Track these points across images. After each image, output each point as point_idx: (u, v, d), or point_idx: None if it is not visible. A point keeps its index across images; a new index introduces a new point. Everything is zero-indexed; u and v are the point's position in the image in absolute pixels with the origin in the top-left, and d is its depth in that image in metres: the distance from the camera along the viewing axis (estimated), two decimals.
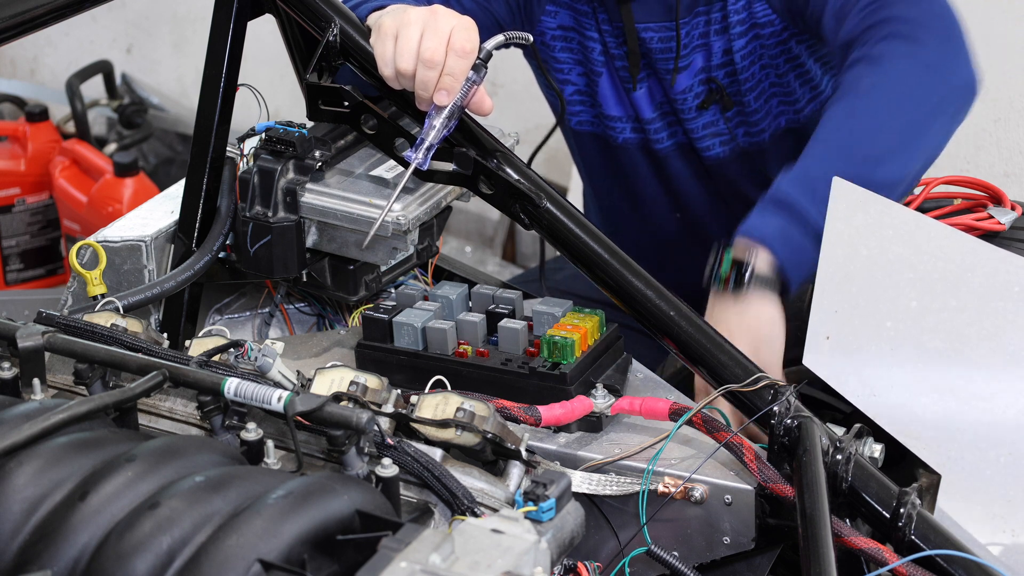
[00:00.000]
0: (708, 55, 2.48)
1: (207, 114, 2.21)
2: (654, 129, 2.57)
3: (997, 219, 2.25)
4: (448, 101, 2.00)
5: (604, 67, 2.55)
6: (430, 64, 1.98)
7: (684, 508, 1.87)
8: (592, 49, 2.54)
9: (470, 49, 1.99)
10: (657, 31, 2.47)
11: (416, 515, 1.69)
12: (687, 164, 2.61)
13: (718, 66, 2.48)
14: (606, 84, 2.56)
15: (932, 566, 1.74)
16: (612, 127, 2.60)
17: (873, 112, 2.17)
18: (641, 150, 2.61)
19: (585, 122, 2.63)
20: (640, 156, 2.62)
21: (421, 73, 1.99)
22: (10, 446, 1.50)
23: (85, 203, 3.76)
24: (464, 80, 2.00)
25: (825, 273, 1.99)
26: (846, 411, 2.04)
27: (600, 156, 2.67)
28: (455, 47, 1.99)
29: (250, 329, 2.33)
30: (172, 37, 5.11)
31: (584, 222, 2.06)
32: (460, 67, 1.99)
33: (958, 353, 1.91)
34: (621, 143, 2.61)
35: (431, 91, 2.00)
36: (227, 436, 1.74)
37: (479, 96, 2.03)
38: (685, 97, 2.51)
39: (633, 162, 2.63)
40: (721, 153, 2.57)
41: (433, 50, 1.98)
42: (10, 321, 1.81)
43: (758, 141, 2.55)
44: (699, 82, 2.50)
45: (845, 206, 1.99)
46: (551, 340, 1.97)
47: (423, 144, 2.01)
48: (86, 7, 2.34)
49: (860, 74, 2.20)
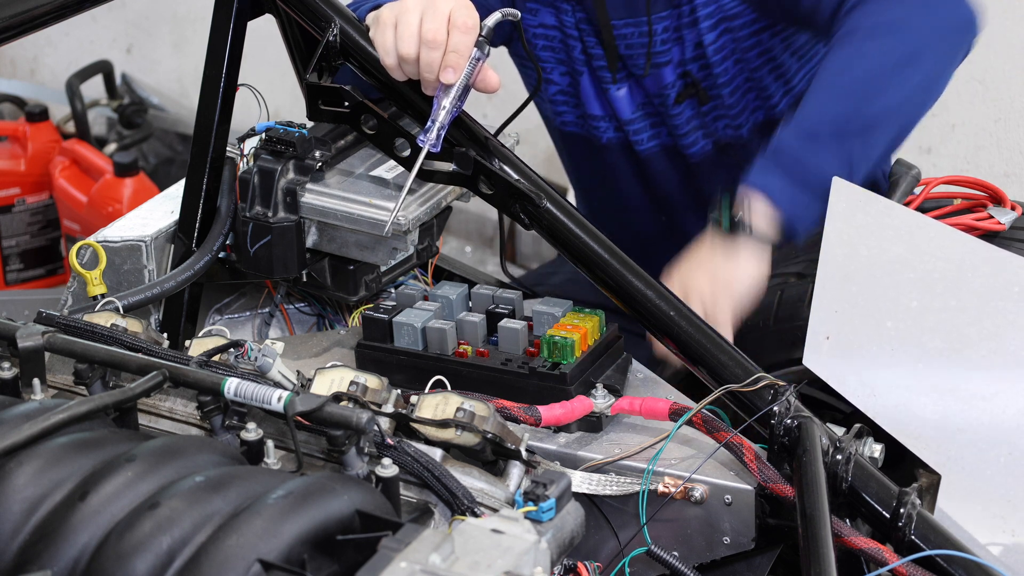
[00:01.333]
0: (682, 49, 2.47)
1: (207, 114, 2.21)
2: (635, 130, 2.55)
3: (997, 219, 2.25)
4: (455, 78, 1.99)
5: (584, 66, 2.54)
6: (433, 44, 1.97)
7: (684, 508, 1.87)
8: (573, 48, 2.52)
9: (472, 25, 1.98)
10: (636, 25, 2.46)
11: (416, 515, 1.69)
12: (671, 165, 2.59)
13: (691, 59, 2.46)
14: (587, 83, 2.55)
15: (932, 566, 1.74)
16: (596, 127, 2.59)
17: (866, 51, 2.18)
18: (624, 151, 2.60)
19: (570, 122, 2.62)
20: (623, 157, 2.61)
21: (424, 54, 1.98)
22: (10, 446, 1.50)
23: (85, 203, 3.76)
24: (469, 57, 1.99)
25: (825, 273, 1.99)
26: (846, 411, 2.04)
27: (586, 157, 2.66)
28: (457, 24, 1.98)
29: (250, 329, 2.33)
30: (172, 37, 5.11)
31: (584, 222, 2.06)
32: (464, 43, 1.98)
33: (958, 353, 1.91)
34: (605, 143, 2.59)
35: (436, 71, 1.98)
36: (227, 436, 1.74)
37: (485, 72, 2.01)
38: (668, 93, 2.50)
39: (617, 163, 2.62)
40: (704, 147, 2.55)
41: (435, 30, 1.97)
42: (10, 321, 1.81)
43: (737, 135, 2.54)
44: (676, 76, 2.49)
45: (845, 206, 1.99)
46: (551, 340, 1.97)
47: (434, 126, 2.00)
48: (86, 7, 2.34)
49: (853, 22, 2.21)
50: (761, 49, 2.47)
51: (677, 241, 2.64)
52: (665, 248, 2.66)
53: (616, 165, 2.62)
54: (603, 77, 2.52)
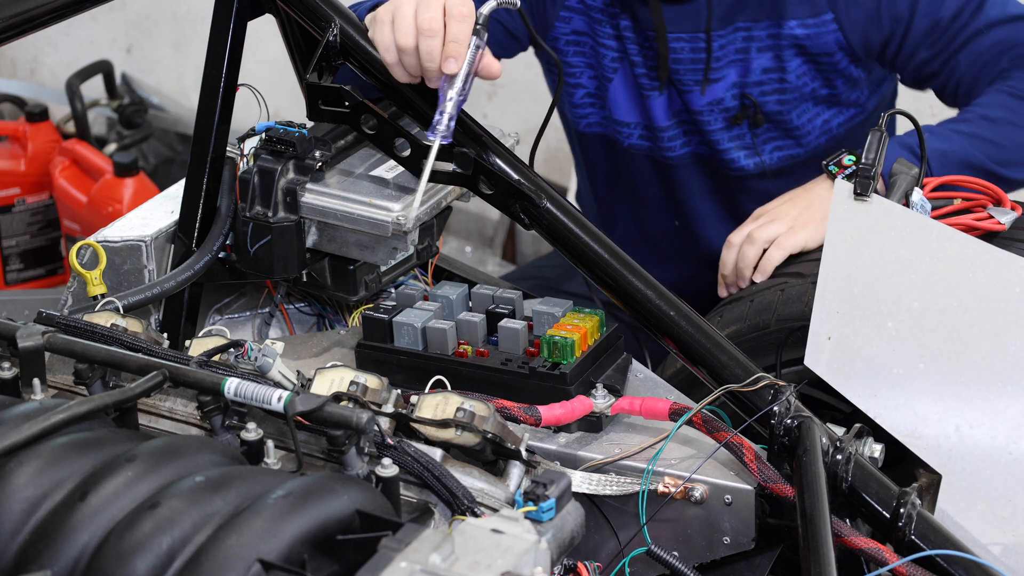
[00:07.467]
0: (745, 71, 2.49)
1: (207, 114, 2.21)
2: (668, 137, 2.57)
3: (997, 219, 2.25)
4: (457, 68, 1.98)
5: (616, 73, 2.56)
6: (430, 33, 1.97)
7: (684, 508, 1.87)
8: (604, 55, 2.55)
9: (468, 12, 1.98)
10: (688, 41, 2.48)
11: (416, 515, 1.69)
12: (698, 174, 2.61)
13: (755, 83, 2.49)
14: (619, 89, 2.57)
15: (932, 566, 1.74)
16: (619, 132, 2.60)
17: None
18: (648, 156, 2.62)
19: (594, 124, 2.64)
20: (646, 162, 2.63)
21: (423, 44, 1.98)
22: (10, 446, 1.50)
23: (85, 203, 3.76)
24: (468, 45, 1.99)
25: (827, 273, 1.99)
26: (846, 411, 2.04)
27: (605, 158, 2.67)
28: (453, 14, 1.98)
29: (250, 329, 2.33)
30: (172, 37, 5.11)
31: (584, 222, 2.06)
32: (463, 31, 1.98)
33: (958, 353, 1.91)
34: (627, 147, 2.61)
35: (438, 61, 1.98)
36: (227, 436, 1.74)
37: (486, 60, 2.01)
38: (712, 109, 2.52)
39: (638, 167, 2.64)
40: (747, 167, 2.57)
41: (431, 19, 1.97)
42: (10, 321, 1.81)
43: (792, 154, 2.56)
44: (731, 96, 2.51)
45: (847, 207, 1.99)
46: (551, 340, 1.97)
47: (443, 117, 1.99)
48: (86, 7, 2.34)
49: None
50: (842, 75, 2.51)
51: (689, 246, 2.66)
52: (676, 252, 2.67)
53: (637, 169, 2.64)
54: (643, 84, 2.55)
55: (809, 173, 2.43)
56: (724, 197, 2.65)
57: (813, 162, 2.54)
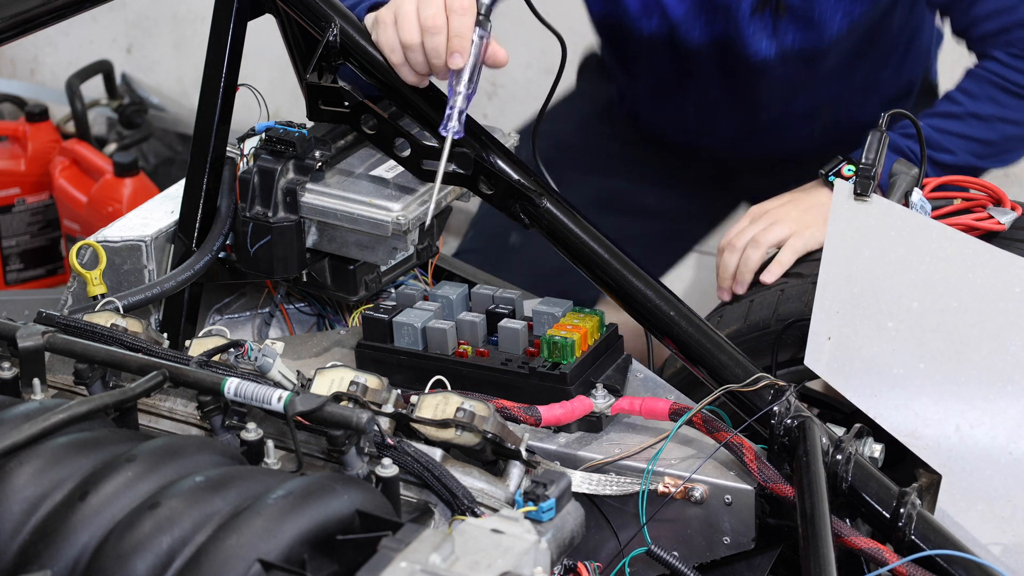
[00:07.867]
0: None
1: (207, 114, 2.20)
2: (685, 26, 2.55)
3: (997, 219, 2.25)
4: (463, 62, 1.99)
5: None
6: (434, 30, 1.98)
7: (684, 508, 1.87)
8: None
9: (468, 5, 1.99)
10: None
11: (416, 515, 1.69)
12: (716, 61, 2.59)
13: None
14: None
15: (932, 566, 1.74)
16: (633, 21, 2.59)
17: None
18: (666, 43, 2.60)
19: (597, 13, 2.66)
20: (664, 48, 2.61)
21: (428, 41, 1.99)
22: (10, 446, 1.50)
23: (85, 203, 3.76)
24: (472, 38, 1.99)
25: (827, 273, 1.99)
26: (846, 411, 2.04)
27: (620, 46, 2.68)
28: (453, 8, 1.98)
29: (250, 329, 2.33)
30: (172, 37, 5.10)
31: (584, 222, 2.06)
32: (464, 25, 1.98)
33: (959, 353, 1.92)
34: (648, 36, 2.61)
35: (443, 56, 1.99)
36: (227, 436, 1.74)
37: (492, 49, 2.02)
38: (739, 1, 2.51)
39: (655, 53, 2.63)
40: (768, 55, 2.54)
41: (433, 15, 1.98)
42: (10, 321, 1.81)
43: (814, 45, 2.54)
44: None
45: (847, 207, 1.99)
46: (551, 340, 1.97)
47: (454, 112, 2.00)
48: (86, 7, 2.34)
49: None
50: None
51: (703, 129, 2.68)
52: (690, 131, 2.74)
53: (654, 54, 2.64)
54: None
55: (828, 61, 2.46)
56: (737, 86, 2.62)
57: (833, 50, 2.53)
